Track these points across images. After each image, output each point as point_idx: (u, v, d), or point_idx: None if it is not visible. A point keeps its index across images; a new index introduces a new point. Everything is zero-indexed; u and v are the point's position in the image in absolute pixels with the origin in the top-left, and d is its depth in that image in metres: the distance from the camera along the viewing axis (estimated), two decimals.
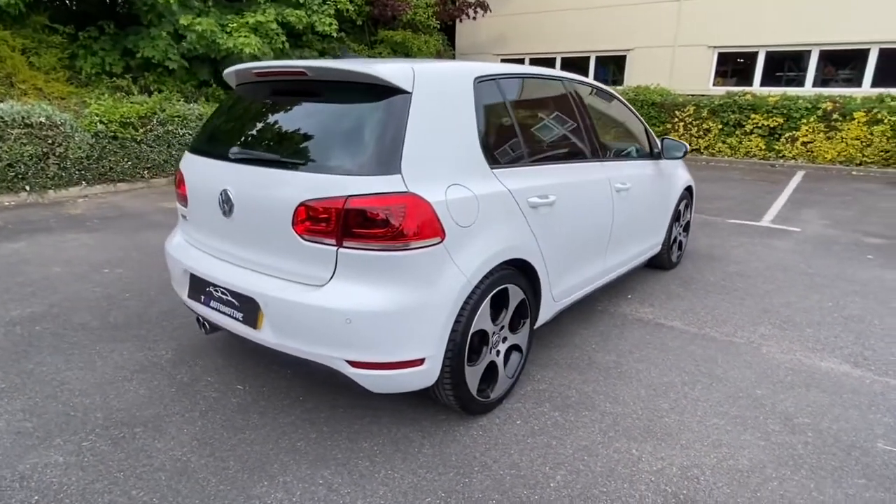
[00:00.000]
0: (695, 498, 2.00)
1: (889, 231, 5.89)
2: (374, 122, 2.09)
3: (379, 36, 11.82)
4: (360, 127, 2.12)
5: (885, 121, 9.14)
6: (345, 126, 2.16)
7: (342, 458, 2.20)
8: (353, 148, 2.08)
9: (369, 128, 2.09)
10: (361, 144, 2.07)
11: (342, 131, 2.15)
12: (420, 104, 2.12)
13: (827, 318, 3.63)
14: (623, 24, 12.48)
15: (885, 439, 2.35)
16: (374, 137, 2.06)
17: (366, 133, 2.09)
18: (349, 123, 2.16)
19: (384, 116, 2.08)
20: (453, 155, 2.23)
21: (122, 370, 2.86)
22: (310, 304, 2.03)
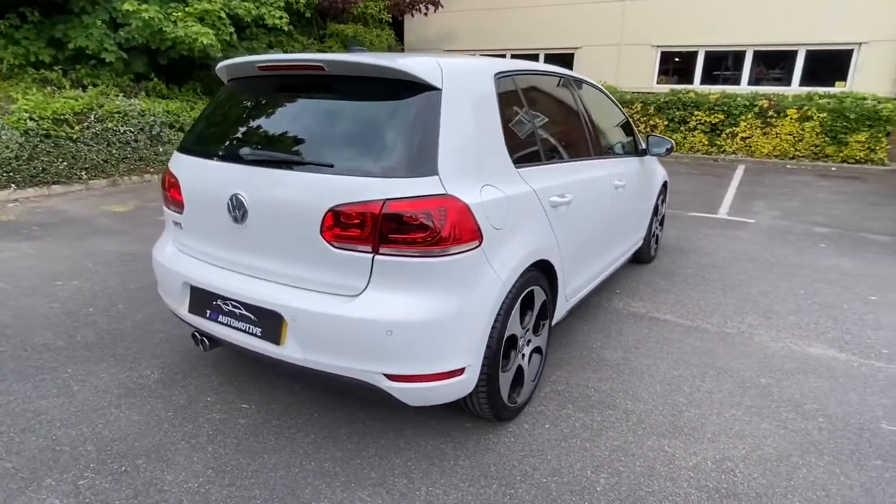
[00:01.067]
0: (735, 491, 2.03)
1: (833, 220, 6.31)
2: (406, 121, 1.97)
3: (328, 29, 11.46)
4: (390, 125, 1.99)
5: (814, 117, 9.82)
6: (372, 124, 2.03)
7: (377, 477, 2.08)
8: (384, 148, 1.95)
9: (401, 126, 1.97)
10: (394, 144, 1.95)
11: (370, 130, 2.02)
12: (449, 101, 2.02)
13: (803, 305, 3.82)
14: (571, 23, 12.74)
15: (887, 420, 2.49)
16: (408, 137, 1.94)
17: (398, 132, 1.97)
18: (376, 122, 2.03)
19: (416, 114, 1.97)
20: (483, 154, 2.14)
21: (106, 395, 2.58)
22: (345, 317, 1.89)
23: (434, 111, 1.97)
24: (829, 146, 9.86)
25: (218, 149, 2.26)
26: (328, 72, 2.09)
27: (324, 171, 1.95)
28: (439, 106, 1.98)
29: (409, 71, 1.96)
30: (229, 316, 2.17)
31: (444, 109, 1.99)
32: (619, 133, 3.79)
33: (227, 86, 2.54)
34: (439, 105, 1.98)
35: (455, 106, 2.03)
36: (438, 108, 1.98)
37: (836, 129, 9.69)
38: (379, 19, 12.07)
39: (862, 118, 9.44)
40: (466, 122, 2.08)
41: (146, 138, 8.02)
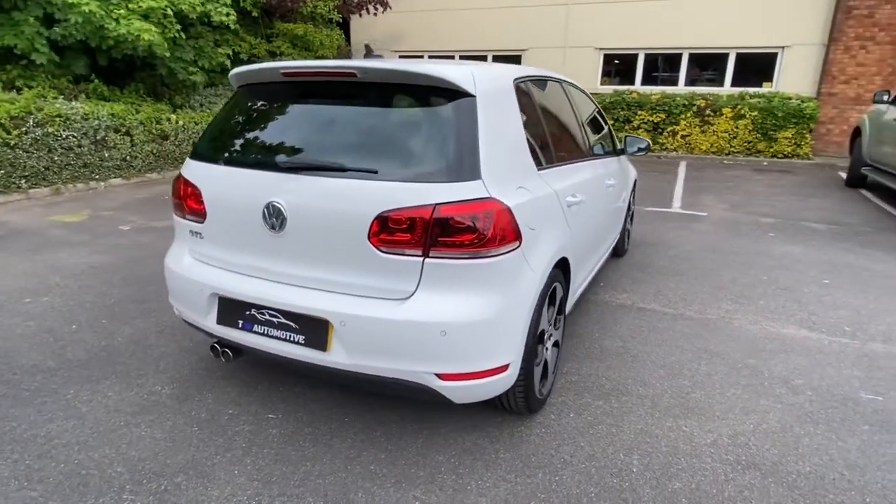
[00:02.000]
0: (754, 462, 2.22)
1: (775, 211, 6.85)
2: (447, 127, 2.03)
3: (276, 28, 11.18)
4: (430, 132, 2.04)
5: (747, 116, 10.57)
6: (411, 131, 2.07)
7: (425, 475, 2.12)
8: (428, 154, 2.00)
9: (442, 132, 2.02)
10: (438, 150, 2.00)
11: (410, 136, 2.06)
12: (483, 107, 2.09)
13: (768, 290, 4.16)
14: (518, 26, 13.04)
15: (864, 390, 2.79)
16: (451, 142, 2.00)
17: (440, 138, 2.02)
18: (416, 128, 2.07)
19: (456, 120, 2.02)
20: (513, 158, 2.23)
21: (119, 414, 2.48)
22: (397, 320, 1.92)
23: (472, 117, 2.03)
24: (760, 142, 10.65)
25: (247, 156, 2.23)
26: (360, 79, 2.11)
27: (368, 178, 1.98)
28: (476, 112, 2.05)
29: (447, 78, 2.02)
30: (266, 325, 2.14)
31: (480, 115, 2.06)
32: (604, 133, 3.99)
33: (239, 92, 2.49)
34: (475, 111, 2.05)
35: (488, 111, 2.11)
36: (475, 114, 2.04)
37: (767, 127, 10.49)
38: (329, 19, 11.89)
39: (789, 116, 10.27)
40: (498, 127, 2.16)
41: (90, 143, 7.56)
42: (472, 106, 2.05)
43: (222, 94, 10.28)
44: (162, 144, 8.57)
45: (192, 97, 9.92)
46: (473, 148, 1.99)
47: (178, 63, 9.20)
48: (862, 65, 10.47)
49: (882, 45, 10.24)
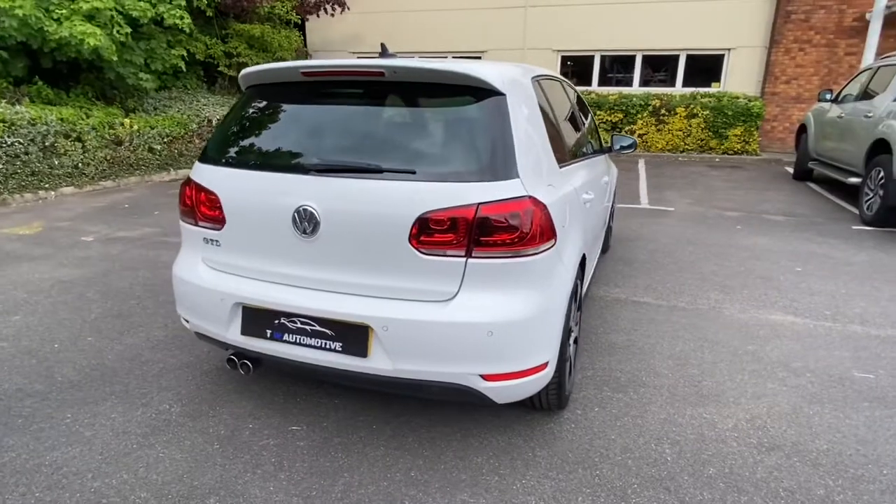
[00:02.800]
0: (775, 443, 2.32)
1: (736, 205, 7.19)
2: (481, 125, 2.01)
3: (231, 28, 10.82)
4: (465, 131, 2.02)
5: (699, 115, 11.05)
6: (445, 130, 2.05)
7: (468, 478, 2.10)
8: (465, 153, 1.98)
9: (477, 131, 2.01)
10: (475, 149, 1.98)
11: (445, 136, 2.03)
12: (513, 105, 2.09)
13: (748, 280, 4.36)
14: (477, 27, 13.14)
15: (856, 369, 2.96)
16: (487, 141, 1.98)
17: (476, 137, 2.00)
18: (449, 127, 2.05)
19: (490, 119, 2.01)
20: (540, 155, 2.24)
21: (129, 436, 2.33)
22: (442, 321, 1.90)
23: (504, 115, 2.03)
24: (712, 140, 11.15)
25: (271, 159, 2.14)
26: (388, 78, 2.07)
27: (406, 179, 1.94)
28: (507, 110, 2.05)
29: (479, 76, 2.00)
30: (299, 334, 2.07)
31: (511, 113, 2.06)
32: (594, 131, 4.07)
33: (249, 92, 2.39)
34: (507, 109, 2.05)
35: (517, 110, 2.11)
36: (507, 113, 2.04)
37: (718, 125, 11.00)
38: (287, 20, 11.61)
39: (738, 115, 10.81)
40: (526, 125, 2.17)
41: (38, 150, 7.08)
42: (504, 104, 2.05)
43: (177, 98, 9.86)
44: (116, 150, 8.13)
45: (146, 100, 9.46)
46: (509, 146, 1.99)
47: (128, 67, 8.74)
48: (801, 66, 11.15)
49: (818, 48, 10.94)
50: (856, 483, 2.08)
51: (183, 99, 9.86)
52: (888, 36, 10.16)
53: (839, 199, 7.44)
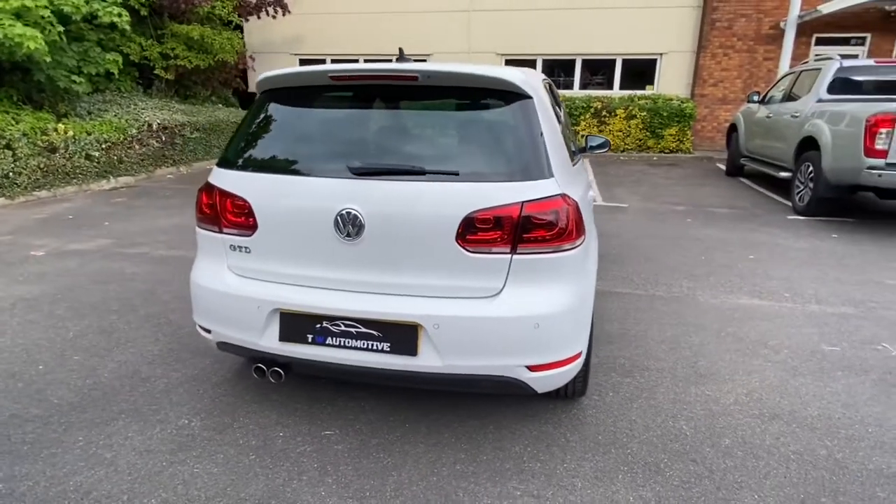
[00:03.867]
0: (775, 413, 2.56)
1: (681, 200, 7.68)
2: (514, 128, 2.10)
3: (168, 29, 10.31)
4: (501, 132, 2.11)
5: (637, 116, 11.69)
6: (481, 132, 2.12)
7: (512, 466, 2.18)
8: (504, 154, 2.07)
9: (511, 133, 2.09)
10: (512, 150, 2.07)
11: (482, 138, 2.11)
12: (539, 108, 2.20)
13: (712, 268, 4.71)
14: (422, 30, 13.23)
15: (824, 343, 3.30)
16: (522, 142, 2.08)
17: (510, 139, 2.09)
18: (484, 130, 2.13)
19: (522, 121, 2.11)
20: (561, 155, 2.36)
21: (155, 455, 2.24)
22: (492, 317, 1.97)
23: (535, 118, 2.13)
24: (650, 139, 11.82)
25: (308, 164, 2.13)
26: (420, 82, 2.12)
27: (449, 180, 2.00)
28: (536, 112, 2.15)
29: (510, 80, 2.10)
30: (343, 337, 2.07)
31: (539, 115, 2.17)
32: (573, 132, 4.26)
33: (266, 96, 2.35)
34: (536, 111, 2.15)
35: (542, 112, 2.22)
36: (537, 115, 2.15)
37: (654, 125, 11.68)
38: (227, 21, 11.20)
39: (672, 115, 11.52)
40: (549, 126, 2.27)
41: None
42: (532, 107, 2.15)
43: (112, 101, 9.29)
44: (50, 158, 7.56)
45: (78, 104, 8.84)
46: (543, 147, 2.09)
47: (59, 69, 8.15)
48: (726, 69, 12.04)
49: (740, 53, 11.86)
50: (850, 442, 2.35)
51: (119, 103, 9.30)
52: (801, 43, 11.18)
53: (770, 192, 8.12)
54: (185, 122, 9.74)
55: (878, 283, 4.32)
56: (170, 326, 3.44)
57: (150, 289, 4.09)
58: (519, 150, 2.06)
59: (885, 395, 2.72)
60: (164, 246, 5.23)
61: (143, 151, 8.98)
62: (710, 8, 11.70)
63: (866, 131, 5.46)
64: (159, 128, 9.21)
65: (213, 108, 11.27)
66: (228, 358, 2.99)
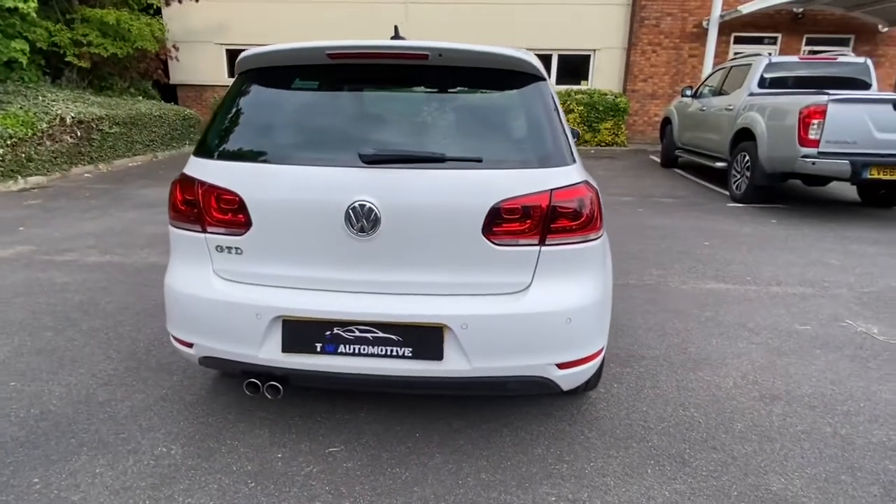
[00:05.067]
0: (773, 393, 2.61)
1: (627, 191, 7.91)
2: (533, 111, 1.97)
3: (80, 13, 9.34)
4: (520, 116, 1.97)
5: (575, 110, 11.96)
6: (500, 116, 1.98)
7: (539, 470, 2.06)
8: (525, 139, 1.94)
9: (531, 117, 1.97)
10: (533, 135, 1.94)
11: (500, 121, 1.97)
12: (552, 91, 2.09)
13: (674, 256, 4.83)
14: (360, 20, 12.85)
15: (795, 322, 3.44)
16: (542, 127, 1.95)
17: (530, 122, 1.96)
18: (503, 113, 1.99)
19: (539, 104, 1.98)
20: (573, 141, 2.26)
21: (134, 491, 1.93)
22: (524, 314, 1.84)
23: (551, 101, 2.02)
24: (587, 133, 12.14)
25: (306, 152, 1.89)
26: (430, 62, 1.94)
27: (473, 167, 1.84)
28: (552, 96, 2.04)
29: (527, 60, 1.97)
30: (358, 344, 1.86)
31: (555, 99, 2.06)
32: None
33: (246, 76, 2.08)
34: (551, 95, 2.04)
35: (554, 96, 2.11)
36: (552, 98, 2.04)
37: (591, 119, 12.00)
38: (146, 5, 10.31)
39: (608, 110, 11.89)
40: (561, 112, 2.18)
41: None
42: (547, 89, 2.04)
43: (16, 92, 8.29)
44: None
45: None
46: (562, 132, 1.99)
47: None
48: (654, 66, 12.58)
49: (667, 50, 12.43)
50: (848, 417, 2.42)
51: (24, 94, 8.32)
52: (721, 41, 11.86)
53: (704, 181, 8.54)
54: (102, 116, 8.87)
55: (824, 264, 4.60)
56: (121, 341, 3.05)
57: (89, 299, 3.62)
58: (542, 136, 1.94)
59: (863, 369, 2.85)
60: (95, 252, 4.69)
61: (56, 148, 8.09)
62: (638, 6, 12.17)
63: (800, 122, 5.82)
64: (73, 122, 8.32)
65: (134, 101, 10.36)
66: (200, 373, 2.68)
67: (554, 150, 1.92)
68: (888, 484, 2.01)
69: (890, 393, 2.62)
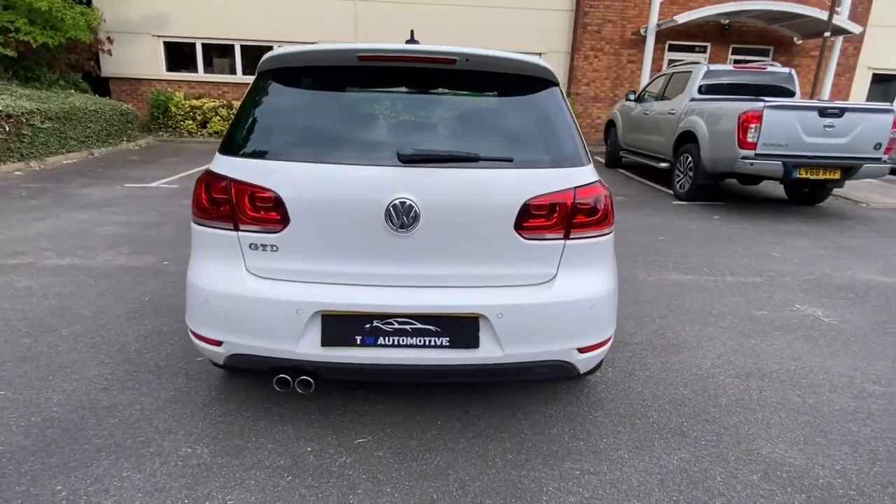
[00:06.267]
0: (748, 371, 2.90)
1: None
2: (551, 114, 2.12)
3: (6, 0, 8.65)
4: (541, 119, 2.11)
5: None
6: (522, 118, 2.11)
7: (559, 448, 2.22)
8: (547, 140, 2.08)
9: (549, 120, 2.11)
10: (554, 136, 2.09)
11: (523, 124, 2.09)
12: (563, 95, 2.25)
13: (635, 249, 5.16)
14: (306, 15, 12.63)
15: (753, 308, 3.80)
16: (560, 129, 2.10)
17: (550, 125, 2.10)
18: (525, 116, 2.12)
19: (556, 108, 2.13)
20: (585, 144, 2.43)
21: (169, 492, 1.91)
22: (552, 302, 1.99)
23: (564, 104, 2.18)
24: None
25: (345, 151, 1.94)
26: (458, 66, 2.05)
27: (505, 167, 1.96)
28: (565, 100, 2.20)
29: (547, 67, 2.12)
30: (397, 335, 1.94)
31: (567, 103, 2.22)
32: None
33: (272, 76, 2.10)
34: (564, 99, 2.20)
35: (566, 100, 2.27)
36: (566, 102, 2.20)
37: None
38: None
39: None
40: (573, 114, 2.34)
41: None
42: (561, 94, 2.20)
43: None
44: None
45: None
46: (577, 134, 2.15)
47: None
48: (596, 70, 13.17)
49: (608, 55, 13.05)
50: (812, 389, 2.75)
51: None
52: (658, 49, 12.60)
53: (648, 181, 9.08)
54: (33, 110, 8.27)
55: (767, 256, 5.07)
56: (109, 345, 2.94)
57: (60, 304, 3.45)
58: (563, 137, 2.09)
59: (816, 347, 3.22)
60: (52, 254, 4.43)
61: None
62: (581, 12, 12.70)
63: (739, 126, 6.35)
64: (1, 116, 7.72)
65: (66, 94, 9.70)
66: (204, 376, 2.65)
67: (574, 150, 2.08)
68: (854, 443, 2.31)
69: (842, 367, 2.98)
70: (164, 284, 3.84)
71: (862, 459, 2.21)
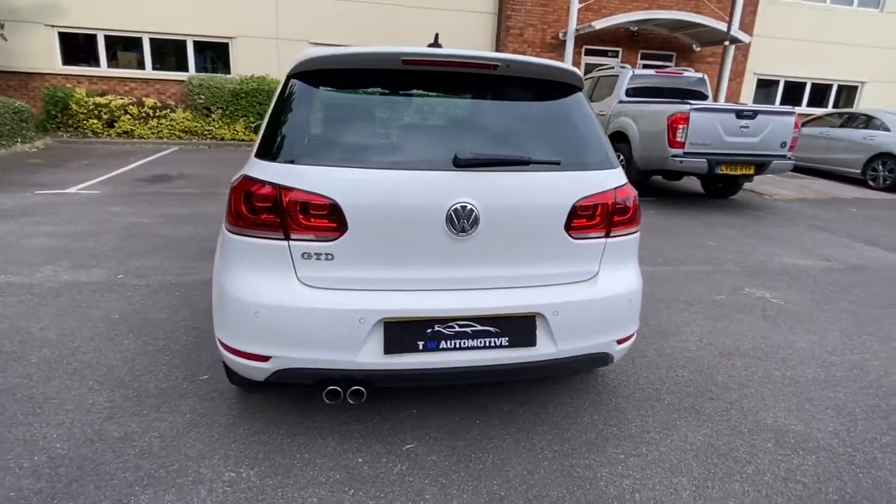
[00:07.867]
0: (727, 351, 3.20)
1: None
2: (582, 119, 2.22)
3: None
4: (576, 123, 2.20)
5: None
6: (559, 123, 2.19)
7: (597, 436, 2.33)
8: (585, 144, 2.17)
9: (583, 124, 2.21)
10: (589, 140, 2.19)
11: (561, 128, 2.18)
12: None
13: None
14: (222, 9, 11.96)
15: (714, 294, 4.17)
16: (592, 133, 2.21)
17: (584, 129, 2.20)
18: (561, 120, 2.20)
19: (585, 113, 2.24)
20: None
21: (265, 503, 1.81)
22: (599, 297, 2.10)
23: (589, 108, 2.30)
24: None
25: (401, 156, 1.91)
26: (499, 72, 2.09)
27: (553, 169, 2.04)
28: (589, 105, 2.32)
29: (577, 72, 2.23)
30: (458, 338, 1.95)
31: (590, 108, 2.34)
32: None
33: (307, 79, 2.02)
34: (588, 104, 2.32)
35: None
36: (590, 106, 2.32)
37: None
38: None
39: None
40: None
41: None
42: (586, 99, 2.31)
43: None
44: None
45: None
46: (605, 137, 2.27)
47: None
48: None
49: None
50: (786, 362, 3.09)
51: None
52: (576, 53, 13.27)
53: None
54: None
55: (706, 246, 5.56)
56: (93, 370, 2.68)
57: (14, 327, 3.07)
58: (597, 140, 2.20)
59: (776, 326, 3.61)
60: None
61: None
62: (504, 16, 13.09)
63: (669, 127, 6.88)
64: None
65: None
66: (217, 395, 2.50)
67: (606, 154, 2.20)
68: (836, 407, 2.64)
69: (802, 342, 3.37)
70: (129, 300, 3.53)
71: (846, 420, 2.54)
